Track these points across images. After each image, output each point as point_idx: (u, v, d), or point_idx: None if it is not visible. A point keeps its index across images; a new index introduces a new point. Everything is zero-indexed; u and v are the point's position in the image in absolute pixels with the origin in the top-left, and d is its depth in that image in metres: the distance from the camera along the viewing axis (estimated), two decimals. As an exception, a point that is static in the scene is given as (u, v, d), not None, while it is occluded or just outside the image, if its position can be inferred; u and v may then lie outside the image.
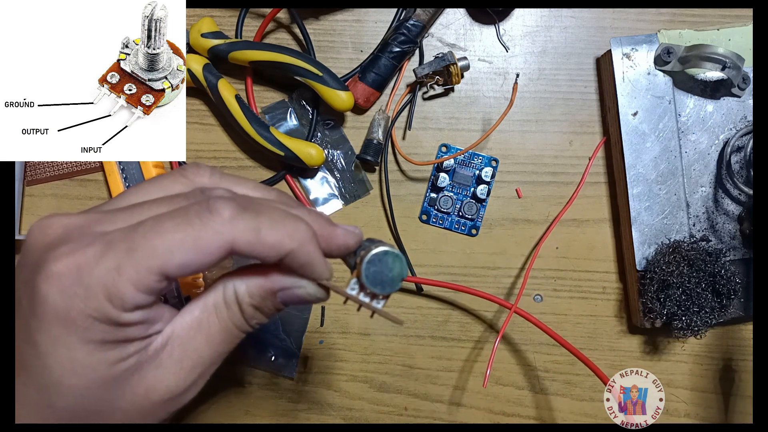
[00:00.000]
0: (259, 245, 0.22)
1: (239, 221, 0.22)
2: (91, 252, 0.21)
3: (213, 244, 0.21)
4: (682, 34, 0.43)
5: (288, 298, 0.25)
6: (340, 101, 0.43)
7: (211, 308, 0.24)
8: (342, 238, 0.26)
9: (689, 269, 0.41)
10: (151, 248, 0.21)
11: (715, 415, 0.46)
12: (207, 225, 0.21)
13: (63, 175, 0.47)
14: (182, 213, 0.22)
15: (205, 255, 0.21)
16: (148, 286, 0.21)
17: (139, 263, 0.21)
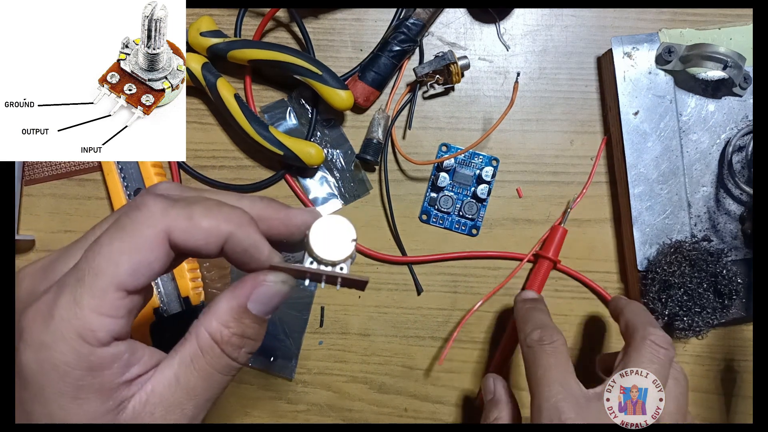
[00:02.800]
0: (196, 231, 0.22)
1: (170, 210, 0.22)
2: (48, 298, 0.21)
3: (150, 239, 0.21)
4: (683, 34, 0.43)
5: (261, 305, 0.24)
6: (339, 100, 0.43)
7: (188, 360, 0.23)
8: (299, 216, 0.26)
9: (691, 269, 0.41)
10: (95, 269, 0.21)
11: (716, 415, 0.46)
12: (138, 221, 0.21)
13: (61, 174, 0.47)
14: (114, 222, 0.22)
15: (147, 252, 0.21)
16: (111, 306, 0.21)
17: (92, 287, 0.21)
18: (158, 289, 0.44)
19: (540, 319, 0.38)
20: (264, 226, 0.24)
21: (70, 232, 0.47)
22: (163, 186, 0.25)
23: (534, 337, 0.36)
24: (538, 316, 0.38)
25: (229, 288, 0.24)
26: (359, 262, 0.46)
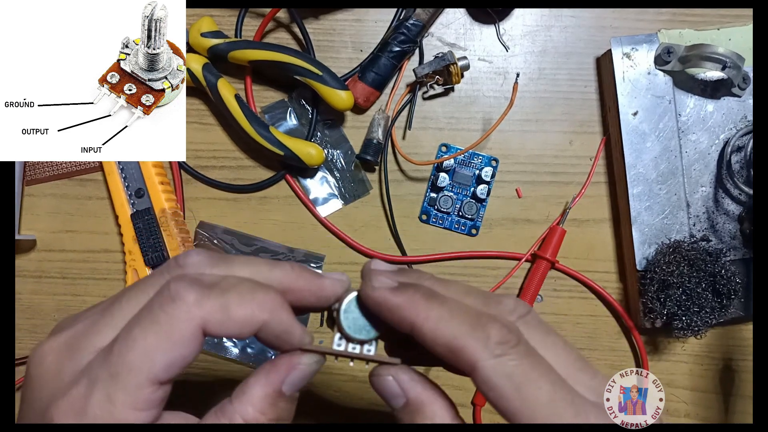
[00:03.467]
0: (231, 323, 0.22)
1: (205, 302, 0.21)
2: (81, 391, 0.21)
3: (186, 334, 0.21)
4: (683, 34, 0.43)
5: (293, 385, 0.24)
6: (339, 101, 0.43)
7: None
8: (330, 288, 0.25)
9: (689, 269, 0.41)
10: (130, 364, 0.20)
11: (715, 415, 0.46)
12: (173, 315, 0.21)
13: (62, 174, 0.47)
14: (147, 312, 0.21)
15: (183, 347, 0.21)
16: (146, 401, 0.21)
17: (127, 384, 0.20)
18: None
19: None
20: (295, 297, 0.24)
21: (71, 232, 0.47)
22: (193, 260, 0.24)
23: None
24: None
25: (261, 370, 0.24)
26: (359, 262, 0.46)
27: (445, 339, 0.22)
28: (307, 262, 0.46)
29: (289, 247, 0.46)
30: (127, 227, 0.45)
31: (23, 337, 0.47)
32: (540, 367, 0.21)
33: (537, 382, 0.21)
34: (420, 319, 0.22)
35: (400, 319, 0.23)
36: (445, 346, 0.22)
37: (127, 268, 0.45)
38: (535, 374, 0.21)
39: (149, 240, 0.44)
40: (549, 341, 0.23)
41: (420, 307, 0.22)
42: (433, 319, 0.22)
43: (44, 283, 0.47)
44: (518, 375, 0.21)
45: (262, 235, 0.46)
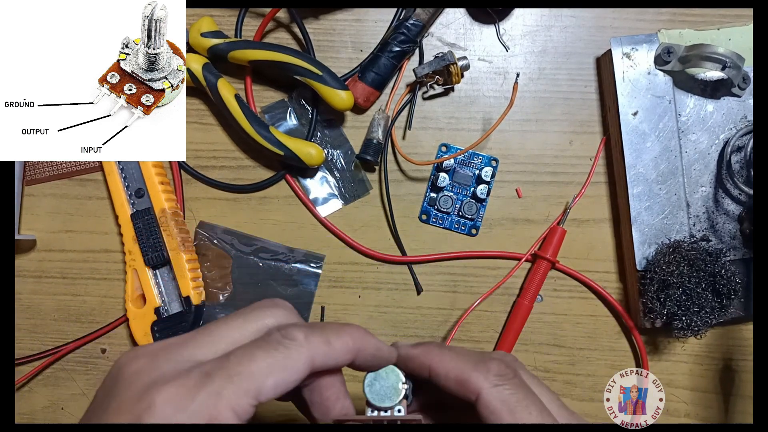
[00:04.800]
0: (333, 352, 0.26)
1: (312, 338, 0.25)
2: (191, 381, 0.23)
3: (299, 363, 0.25)
4: (683, 34, 0.43)
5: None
6: (339, 101, 0.43)
7: None
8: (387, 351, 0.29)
9: (689, 269, 0.41)
10: (248, 374, 0.23)
11: (715, 415, 0.46)
12: (289, 348, 0.25)
13: (62, 174, 0.47)
14: (265, 342, 0.25)
15: (293, 373, 0.24)
16: (245, 410, 0.23)
17: (239, 388, 0.23)
18: (159, 289, 0.44)
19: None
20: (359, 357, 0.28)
21: (70, 232, 0.47)
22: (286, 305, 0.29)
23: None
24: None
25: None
26: (359, 262, 0.46)
27: (454, 373, 0.27)
28: (307, 262, 0.46)
29: (289, 247, 0.46)
30: (127, 227, 0.45)
31: (23, 337, 0.47)
32: (530, 396, 0.26)
33: (528, 407, 0.26)
34: (435, 361, 0.28)
35: (420, 365, 0.28)
36: (455, 379, 0.27)
37: (127, 268, 0.45)
38: (526, 402, 0.26)
39: (149, 240, 0.44)
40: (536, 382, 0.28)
41: (434, 353, 0.28)
42: (445, 360, 0.27)
43: (44, 283, 0.47)
44: (512, 401, 0.26)
45: (262, 235, 0.46)
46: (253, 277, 0.46)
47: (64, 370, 0.47)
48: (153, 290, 0.44)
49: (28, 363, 0.46)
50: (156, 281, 0.45)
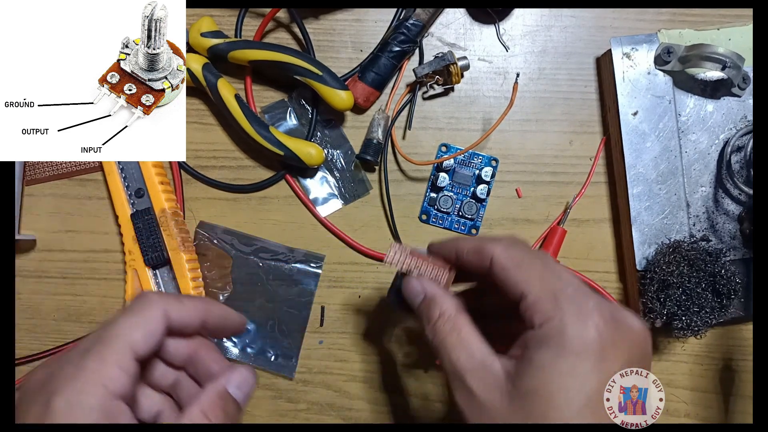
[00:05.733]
0: (184, 308, 0.30)
1: (165, 296, 0.30)
2: (76, 357, 0.27)
3: (155, 313, 0.29)
4: (682, 34, 0.43)
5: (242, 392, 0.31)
6: (339, 100, 0.43)
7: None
8: (235, 316, 0.34)
9: (689, 269, 0.41)
10: (117, 335, 0.28)
11: (715, 415, 0.46)
12: (144, 305, 0.29)
13: (62, 174, 0.47)
14: (126, 309, 0.30)
15: (154, 324, 0.29)
16: (129, 365, 0.27)
17: (115, 347, 0.27)
18: (159, 289, 0.44)
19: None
20: (209, 317, 0.32)
21: (71, 232, 0.47)
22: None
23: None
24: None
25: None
26: (359, 262, 0.46)
27: (473, 245, 0.31)
28: (307, 262, 0.46)
29: (289, 247, 0.46)
30: (127, 227, 0.45)
31: (23, 337, 0.47)
32: (535, 255, 0.30)
33: (532, 262, 0.29)
34: (460, 243, 0.32)
35: (449, 250, 0.33)
36: (473, 250, 0.31)
37: (127, 268, 0.45)
38: (530, 257, 0.30)
39: (149, 240, 0.44)
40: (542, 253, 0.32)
41: (460, 239, 0.33)
42: (468, 240, 0.32)
43: (44, 283, 0.47)
44: (519, 258, 0.29)
45: (262, 235, 0.46)
46: (253, 277, 0.46)
47: (64, 370, 0.47)
48: (153, 290, 0.44)
49: (28, 363, 0.46)
50: (156, 281, 0.45)
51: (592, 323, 0.27)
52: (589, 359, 0.27)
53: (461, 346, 0.30)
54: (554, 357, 0.27)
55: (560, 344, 0.27)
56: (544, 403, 0.27)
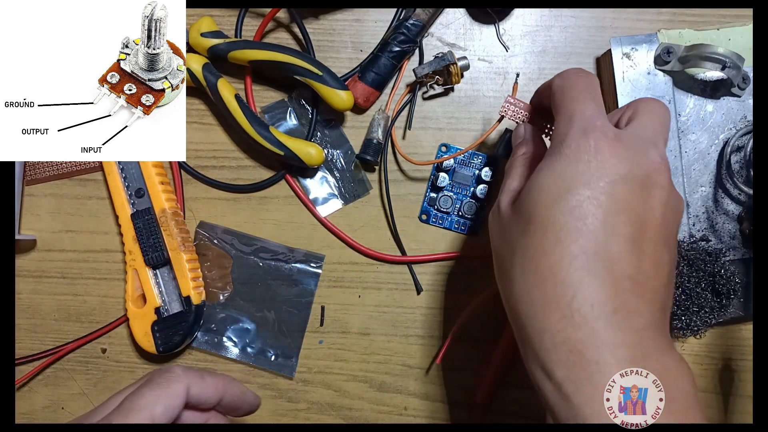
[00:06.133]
0: (206, 385, 0.33)
1: (189, 372, 0.33)
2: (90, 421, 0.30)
3: (179, 390, 0.32)
4: (682, 34, 0.43)
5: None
6: (339, 101, 0.43)
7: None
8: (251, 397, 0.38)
9: (689, 269, 0.41)
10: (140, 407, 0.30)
11: (714, 415, 0.46)
12: (168, 379, 0.32)
13: (62, 174, 0.47)
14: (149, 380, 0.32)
15: (175, 398, 0.31)
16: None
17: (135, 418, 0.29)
18: (159, 289, 0.45)
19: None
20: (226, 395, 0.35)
21: (71, 232, 0.47)
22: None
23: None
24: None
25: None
26: (359, 262, 0.46)
27: (544, 83, 0.36)
28: (307, 262, 0.46)
29: (289, 247, 0.46)
30: (127, 227, 0.45)
31: (23, 337, 0.47)
32: (581, 81, 0.33)
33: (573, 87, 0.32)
34: (539, 87, 0.37)
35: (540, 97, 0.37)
36: (544, 86, 0.35)
37: (127, 268, 0.45)
38: (572, 84, 0.32)
39: (149, 240, 0.44)
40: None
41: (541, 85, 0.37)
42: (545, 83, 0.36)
43: (44, 283, 0.47)
44: (565, 85, 0.32)
45: (262, 235, 0.46)
46: (253, 277, 0.46)
47: (64, 370, 0.47)
48: (153, 290, 0.44)
49: (28, 363, 0.46)
50: (156, 281, 0.45)
51: (593, 137, 0.28)
52: (571, 161, 0.28)
53: (515, 175, 0.34)
54: (545, 162, 0.29)
55: (554, 152, 0.29)
56: (525, 202, 0.29)
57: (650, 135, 0.30)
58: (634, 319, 0.26)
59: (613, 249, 0.26)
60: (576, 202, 0.27)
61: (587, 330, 0.25)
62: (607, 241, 0.26)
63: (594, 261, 0.26)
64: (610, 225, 0.26)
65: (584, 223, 0.26)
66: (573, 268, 0.26)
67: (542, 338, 0.26)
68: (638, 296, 0.26)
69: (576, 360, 0.25)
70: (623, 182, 0.27)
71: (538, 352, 0.27)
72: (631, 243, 0.26)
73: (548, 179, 0.28)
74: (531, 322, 0.27)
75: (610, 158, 0.27)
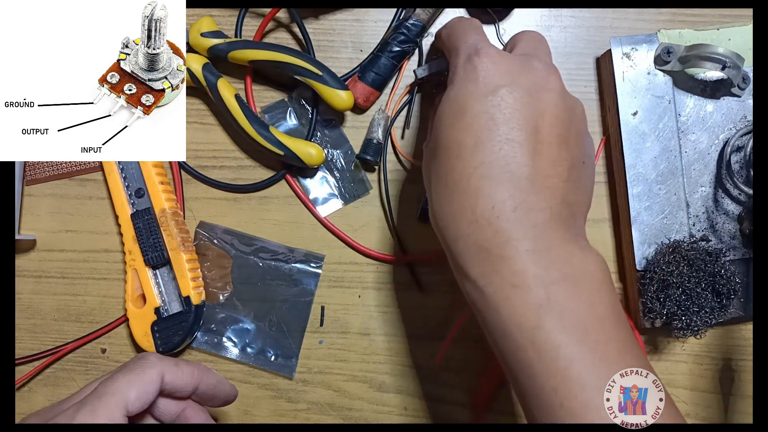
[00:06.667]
0: (180, 372, 0.33)
1: (164, 360, 0.33)
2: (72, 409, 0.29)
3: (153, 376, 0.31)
4: (682, 34, 0.43)
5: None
6: (339, 101, 0.43)
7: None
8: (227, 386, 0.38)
9: (689, 269, 0.41)
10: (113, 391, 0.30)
11: (715, 415, 0.46)
12: (144, 366, 0.32)
13: (62, 174, 0.47)
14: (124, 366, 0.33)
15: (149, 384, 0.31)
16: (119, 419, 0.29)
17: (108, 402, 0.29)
18: (159, 289, 0.45)
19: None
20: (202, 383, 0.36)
21: (71, 232, 0.47)
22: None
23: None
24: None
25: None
26: (359, 262, 0.46)
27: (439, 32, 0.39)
28: (307, 262, 0.46)
29: (289, 247, 0.46)
30: (127, 227, 0.45)
31: (23, 337, 0.47)
32: (465, 21, 0.36)
33: (459, 27, 0.36)
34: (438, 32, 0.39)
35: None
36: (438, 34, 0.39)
37: (127, 268, 0.45)
38: (460, 24, 0.36)
39: (149, 240, 0.44)
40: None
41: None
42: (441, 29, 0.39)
43: (44, 283, 0.47)
44: (450, 27, 0.37)
45: (262, 235, 0.46)
46: (253, 277, 0.46)
47: (64, 370, 0.47)
48: (153, 290, 0.44)
49: (28, 363, 0.46)
50: (156, 281, 0.45)
51: (476, 59, 0.31)
52: (461, 84, 0.31)
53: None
54: (443, 94, 0.32)
55: (449, 82, 0.32)
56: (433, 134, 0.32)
57: (531, 51, 0.33)
58: (534, 215, 0.28)
59: (508, 155, 0.29)
60: (470, 119, 0.29)
61: (491, 230, 0.28)
62: (502, 149, 0.29)
63: (492, 168, 0.28)
64: (503, 133, 0.29)
65: (478, 136, 0.29)
66: (474, 178, 0.29)
67: (457, 244, 0.29)
68: (536, 193, 0.28)
69: (485, 257, 0.28)
70: (509, 92, 0.29)
71: (456, 258, 0.29)
72: (525, 146, 0.29)
73: (445, 106, 0.31)
74: (447, 233, 0.30)
75: (495, 74, 0.30)
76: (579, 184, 0.31)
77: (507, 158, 0.29)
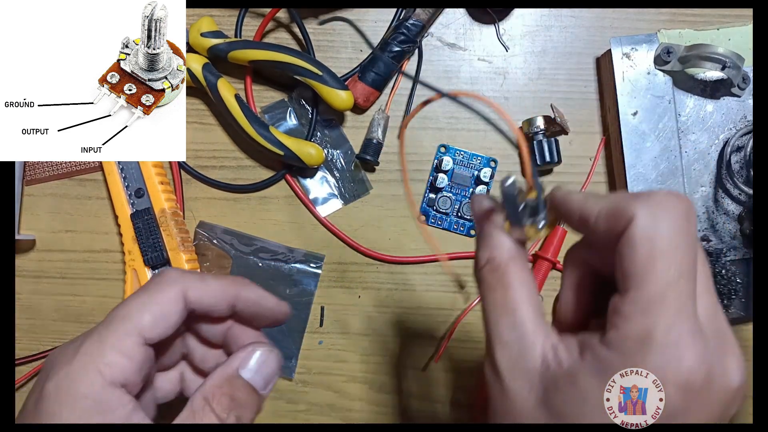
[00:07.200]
0: (208, 288, 0.26)
1: (186, 274, 0.26)
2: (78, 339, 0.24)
3: (169, 295, 0.25)
4: (682, 34, 0.43)
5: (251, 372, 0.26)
6: (339, 101, 0.43)
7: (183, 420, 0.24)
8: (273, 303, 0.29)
9: (689, 269, 0.41)
10: (123, 316, 0.24)
11: (715, 415, 0.46)
12: (160, 283, 0.26)
13: (62, 174, 0.47)
14: (139, 288, 0.26)
15: (167, 306, 0.25)
16: (130, 349, 0.24)
17: (117, 330, 0.24)
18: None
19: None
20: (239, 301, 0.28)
21: (70, 232, 0.47)
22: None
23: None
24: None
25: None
26: (359, 262, 0.46)
27: (606, 206, 0.21)
28: (307, 262, 0.46)
29: (289, 247, 0.46)
30: (126, 227, 0.45)
31: (23, 337, 0.47)
32: (683, 244, 0.19)
33: (672, 259, 0.19)
34: (589, 204, 0.22)
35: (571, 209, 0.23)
36: (608, 211, 0.21)
37: (127, 268, 0.45)
38: (673, 246, 0.19)
39: (149, 240, 0.44)
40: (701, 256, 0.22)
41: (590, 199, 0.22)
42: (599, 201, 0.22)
43: (44, 283, 0.47)
44: (661, 240, 0.19)
45: (262, 235, 0.46)
46: (253, 277, 0.46)
47: (64, 370, 0.47)
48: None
49: (28, 363, 0.46)
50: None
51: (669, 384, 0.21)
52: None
53: (504, 309, 0.23)
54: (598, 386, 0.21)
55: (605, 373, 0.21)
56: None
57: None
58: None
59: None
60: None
61: None
62: None
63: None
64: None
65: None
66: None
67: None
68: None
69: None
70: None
71: None
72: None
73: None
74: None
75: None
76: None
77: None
